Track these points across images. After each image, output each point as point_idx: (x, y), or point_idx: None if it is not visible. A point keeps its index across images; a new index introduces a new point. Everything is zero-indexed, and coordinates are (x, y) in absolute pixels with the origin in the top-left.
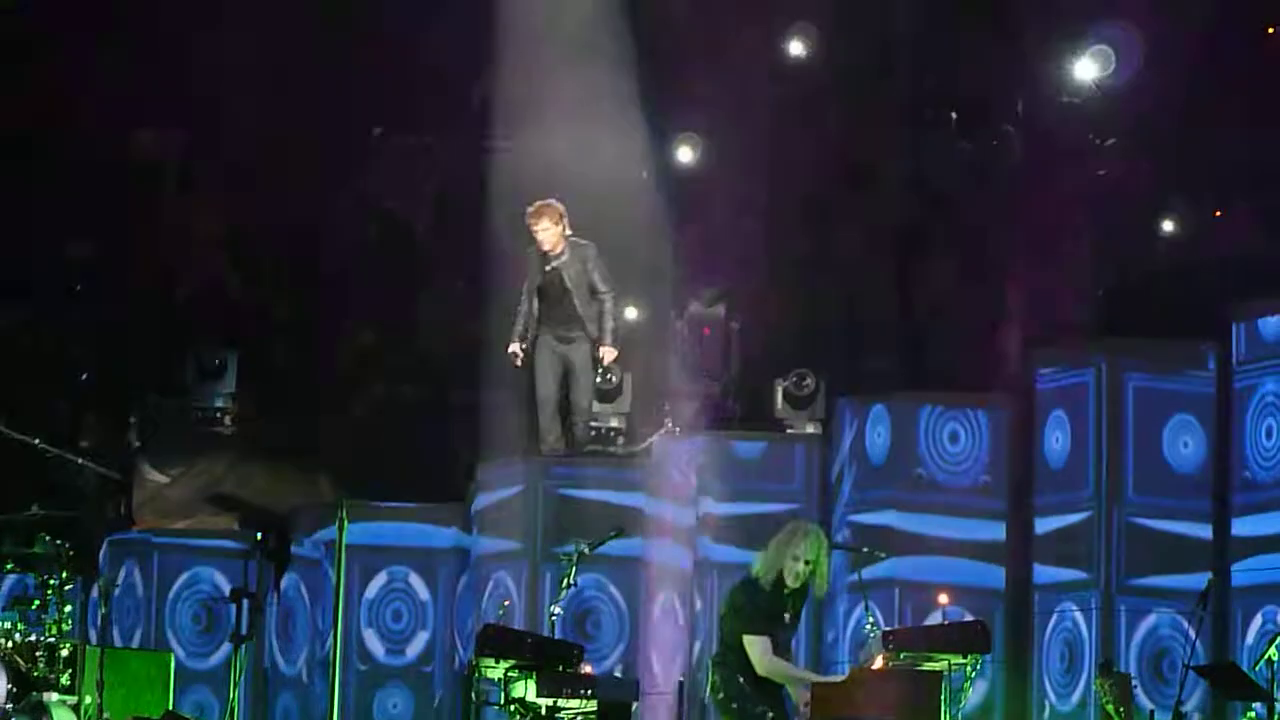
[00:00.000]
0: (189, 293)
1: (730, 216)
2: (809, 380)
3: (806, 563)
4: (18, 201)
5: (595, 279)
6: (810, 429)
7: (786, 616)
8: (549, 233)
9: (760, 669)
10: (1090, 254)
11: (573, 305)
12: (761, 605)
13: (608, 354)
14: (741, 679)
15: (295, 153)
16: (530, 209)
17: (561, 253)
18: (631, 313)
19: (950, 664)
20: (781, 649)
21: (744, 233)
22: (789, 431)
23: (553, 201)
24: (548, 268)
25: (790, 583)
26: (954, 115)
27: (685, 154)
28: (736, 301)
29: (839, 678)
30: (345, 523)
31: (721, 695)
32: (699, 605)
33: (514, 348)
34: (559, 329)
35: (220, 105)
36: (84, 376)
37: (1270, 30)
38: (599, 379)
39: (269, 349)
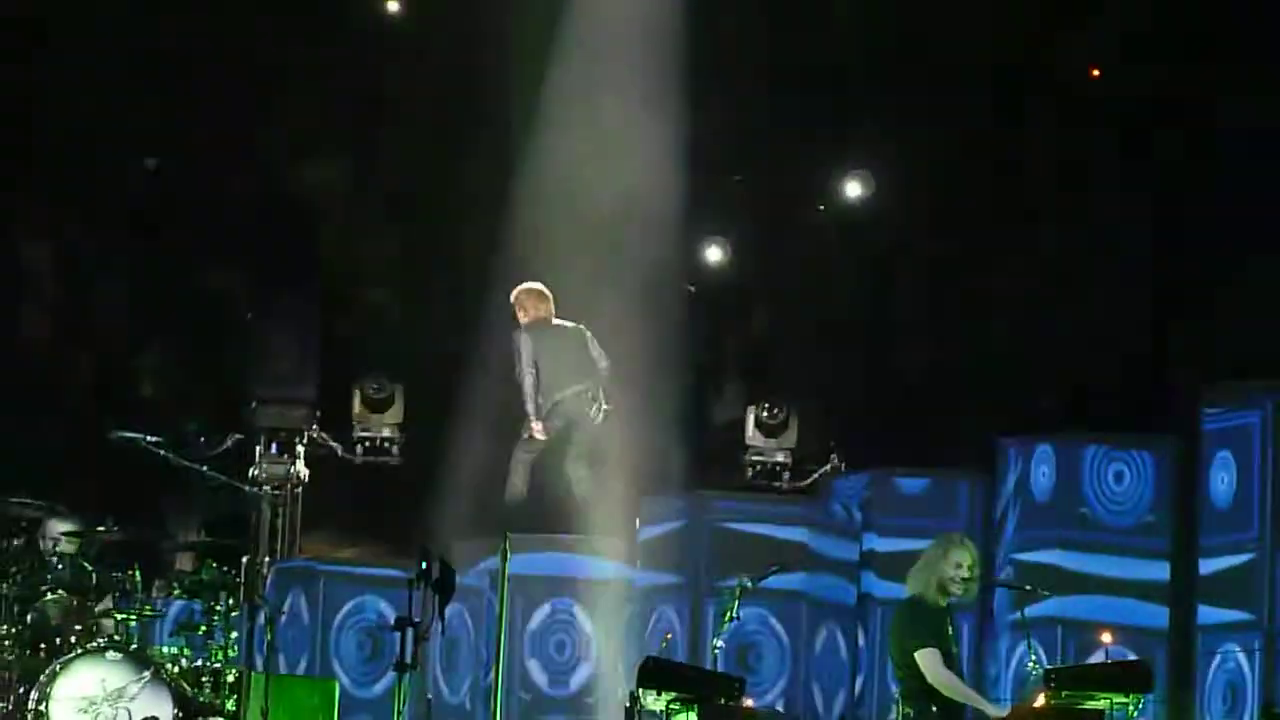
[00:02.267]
0: (353, 323)
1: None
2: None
3: (969, 570)
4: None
5: (592, 351)
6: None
7: (950, 632)
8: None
9: (933, 680)
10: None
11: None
12: (928, 621)
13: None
14: (935, 708)
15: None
16: (525, 289)
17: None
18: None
19: (1112, 703)
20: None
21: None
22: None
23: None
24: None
25: (957, 592)
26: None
27: (850, 189)
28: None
29: (1002, 712)
30: (508, 554)
31: None
32: (862, 640)
33: (537, 426)
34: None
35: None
36: (252, 406)
37: None
38: (766, 413)
39: (434, 380)
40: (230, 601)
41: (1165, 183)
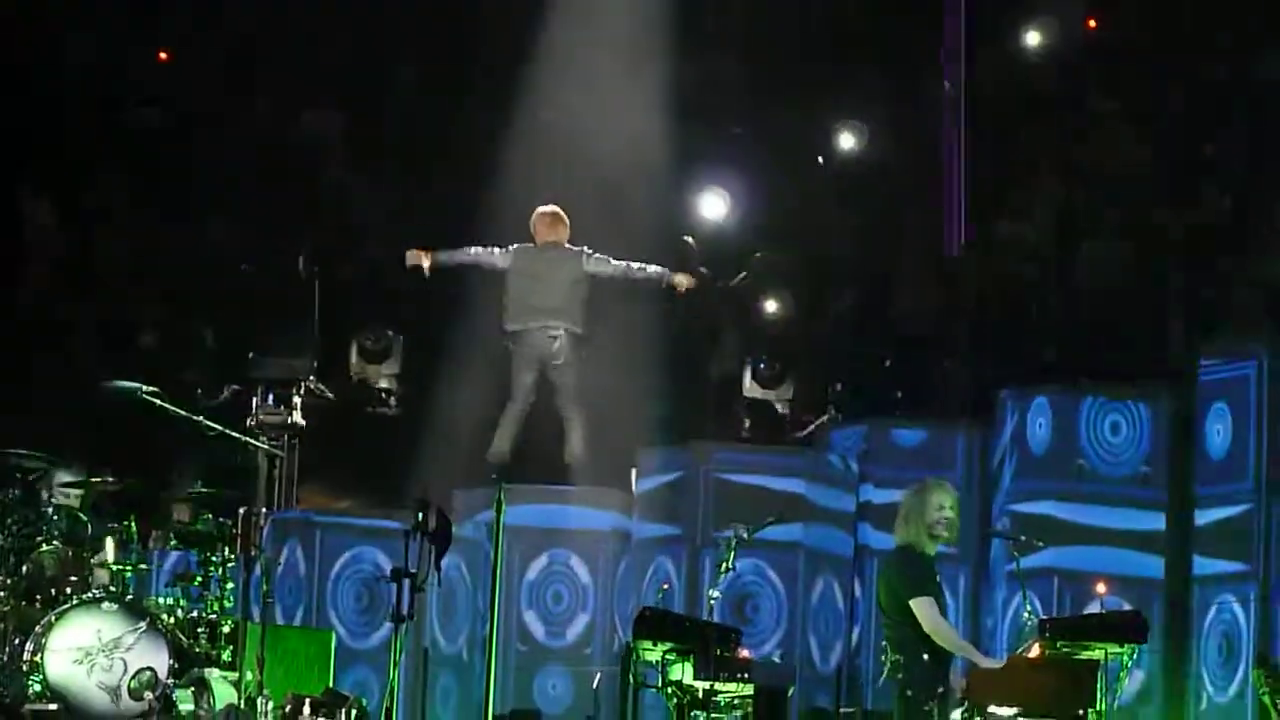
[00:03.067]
0: (350, 274)
1: (893, 203)
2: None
3: (951, 509)
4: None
5: (607, 261)
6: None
7: (940, 580)
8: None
9: (929, 629)
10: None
11: (561, 296)
12: (921, 569)
13: (681, 277)
14: (926, 656)
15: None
16: (550, 210)
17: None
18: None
19: (1107, 653)
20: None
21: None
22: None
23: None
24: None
25: (943, 534)
26: None
27: (846, 139)
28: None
29: (997, 663)
30: (503, 505)
31: (902, 675)
32: (859, 591)
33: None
34: (548, 319)
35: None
36: (250, 356)
37: None
38: (762, 364)
39: (431, 331)
40: (226, 552)
41: (1156, 132)
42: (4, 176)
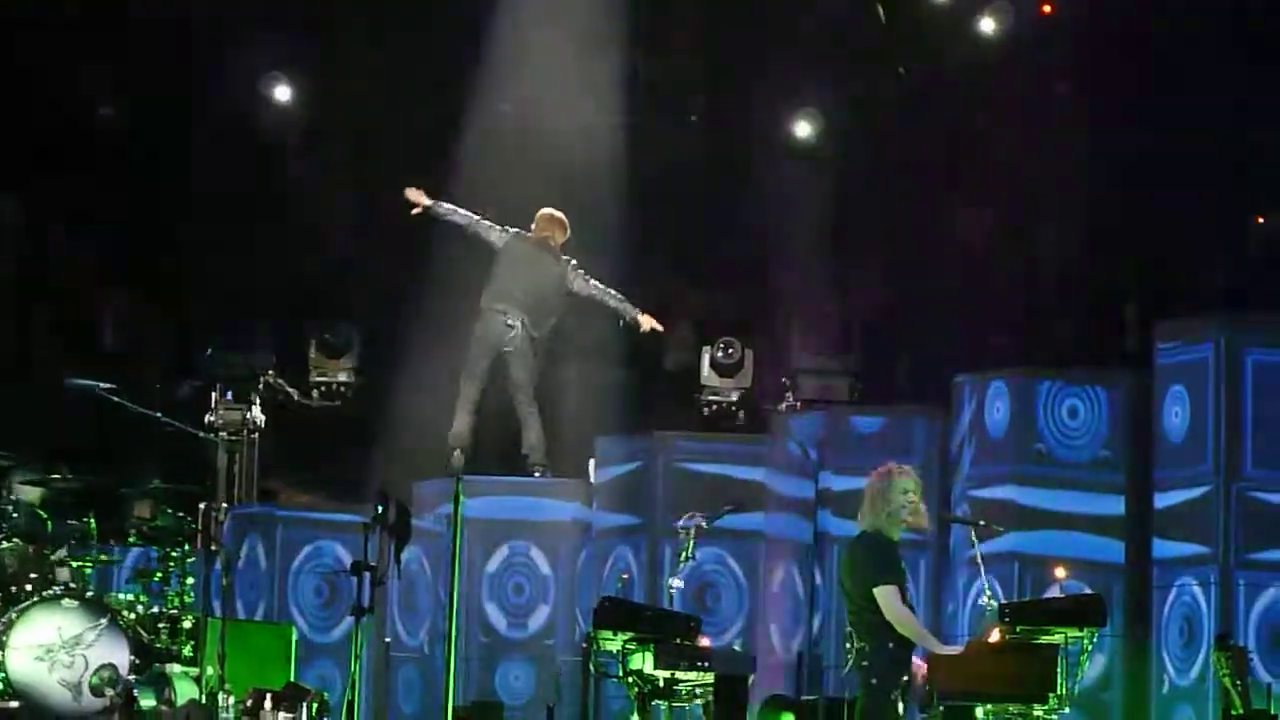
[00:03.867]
0: (312, 266)
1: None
2: (734, 348)
3: (915, 493)
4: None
5: (588, 282)
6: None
7: (904, 567)
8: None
9: (891, 616)
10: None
11: (541, 299)
12: (886, 556)
13: (646, 319)
14: (891, 644)
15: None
16: (551, 214)
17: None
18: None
19: (1067, 637)
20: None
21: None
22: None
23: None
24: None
25: (908, 519)
26: None
27: (803, 129)
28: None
29: (956, 649)
30: (461, 497)
31: (866, 664)
32: (819, 579)
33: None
34: (514, 308)
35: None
36: (208, 352)
37: None
38: (720, 353)
39: (390, 325)
40: (187, 548)
41: (1120, 117)
42: None
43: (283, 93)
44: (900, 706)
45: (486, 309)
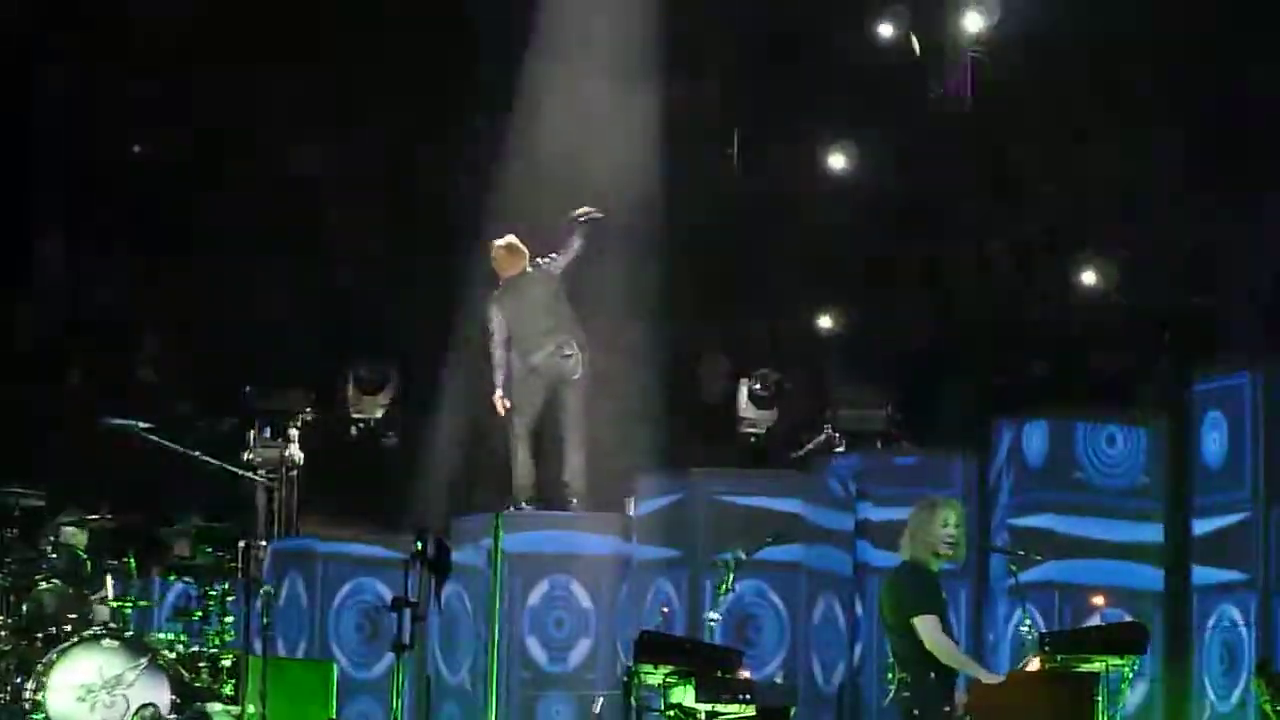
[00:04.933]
0: (346, 306)
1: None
2: (770, 381)
3: (956, 527)
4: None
5: (551, 263)
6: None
7: (945, 597)
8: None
9: (931, 646)
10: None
11: (553, 316)
12: (925, 586)
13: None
14: (933, 675)
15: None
16: (499, 245)
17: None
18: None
19: (1107, 665)
20: (947, 633)
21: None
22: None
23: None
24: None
25: (948, 553)
26: None
27: (838, 160)
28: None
29: (997, 678)
30: (501, 531)
31: (908, 694)
32: (860, 610)
33: (500, 399)
34: (544, 339)
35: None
36: (247, 389)
37: None
38: (758, 385)
39: (426, 361)
40: (227, 586)
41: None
42: (3, 211)
43: (322, 132)
44: None
45: (536, 366)
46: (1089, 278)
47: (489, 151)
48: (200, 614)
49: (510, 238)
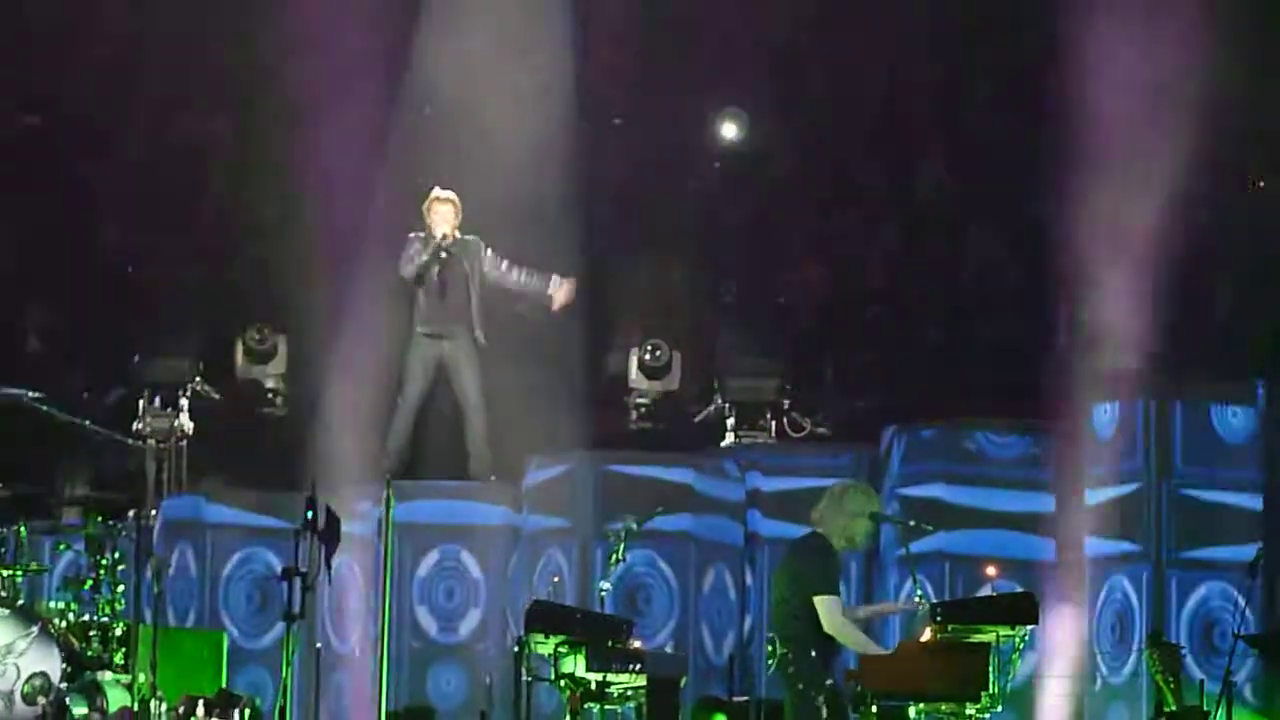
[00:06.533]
0: (234, 273)
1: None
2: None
3: (873, 518)
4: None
5: (498, 264)
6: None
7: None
8: (449, 222)
9: (830, 628)
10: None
11: (462, 297)
12: (832, 567)
13: (565, 289)
14: (814, 652)
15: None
16: (437, 195)
17: (453, 244)
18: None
19: (999, 636)
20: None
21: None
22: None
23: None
24: (442, 254)
25: (860, 542)
26: None
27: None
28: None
29: (887, 650)
30: (392, 501)
31: (792, 669)
32: (750, 580)
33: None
34: (437, 325)
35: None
36: (135, 359)
37: None
38: (648, 355)
39: (317, 328)
40: (117, 555)
41: None
42: None
43: (212, 100)
44: (824, 711)
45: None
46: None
47: (382, 117)
48: (91, 583)
49: (448, 192)
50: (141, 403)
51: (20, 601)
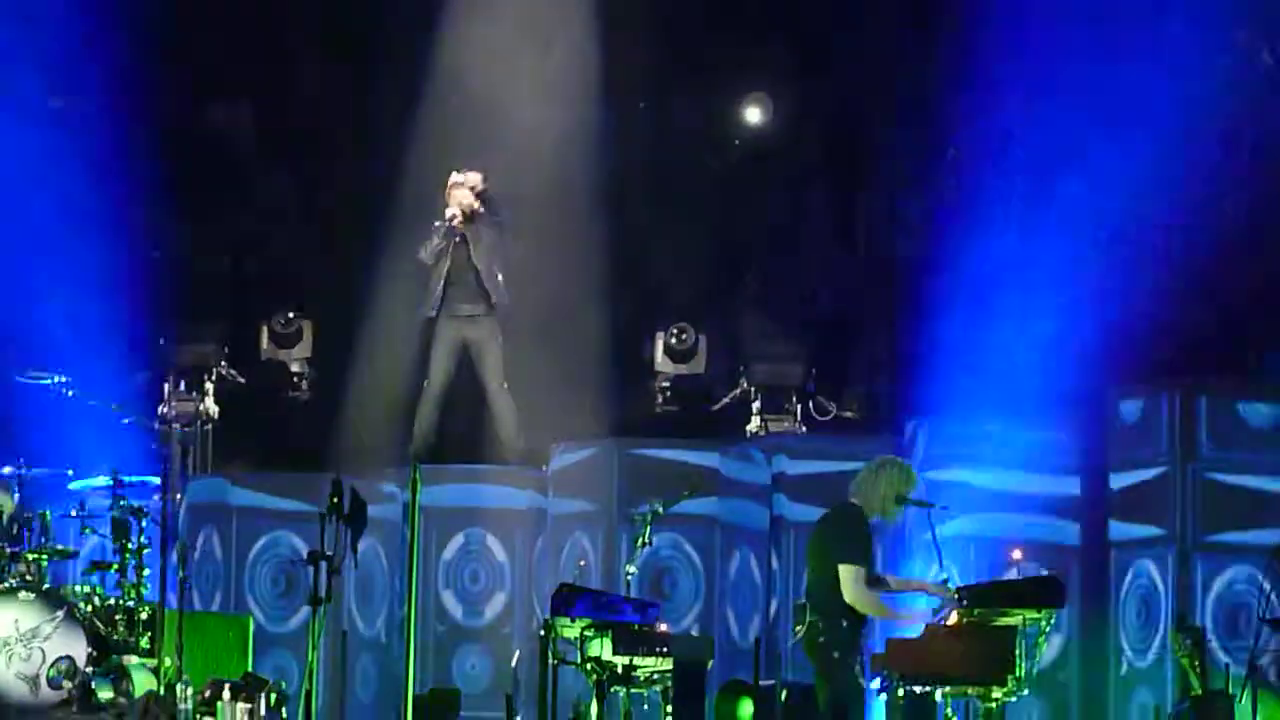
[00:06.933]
0: (261, 258)
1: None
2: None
3: (898, 500)
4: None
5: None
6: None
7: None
8: (461, 204)
9: (849, 596)
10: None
11: (479, 278)
12: (860, 536)
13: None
14: (845, 622)
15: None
16: (453, 179)
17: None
18: None
19: (1025, 619)
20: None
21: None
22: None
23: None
24: (455, 237)
25: (890, 520)
26: None
27: (753, 114)
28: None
29: (908, 615)
30: (419, 485)
31: (823, 639)
32: (775, 563)
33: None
34: (457, 307)
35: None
36: (161, 342)
37: None
38: (674, 339)
39: (343, 313)
40: (143, 539)
41: None
42: None
43: (240, 87)
44: (861, 680)
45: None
46: None
47: (405, 105)
48: (116, 567)
49: (474, 175)
50: (167, 386)
51: (46, 585)
